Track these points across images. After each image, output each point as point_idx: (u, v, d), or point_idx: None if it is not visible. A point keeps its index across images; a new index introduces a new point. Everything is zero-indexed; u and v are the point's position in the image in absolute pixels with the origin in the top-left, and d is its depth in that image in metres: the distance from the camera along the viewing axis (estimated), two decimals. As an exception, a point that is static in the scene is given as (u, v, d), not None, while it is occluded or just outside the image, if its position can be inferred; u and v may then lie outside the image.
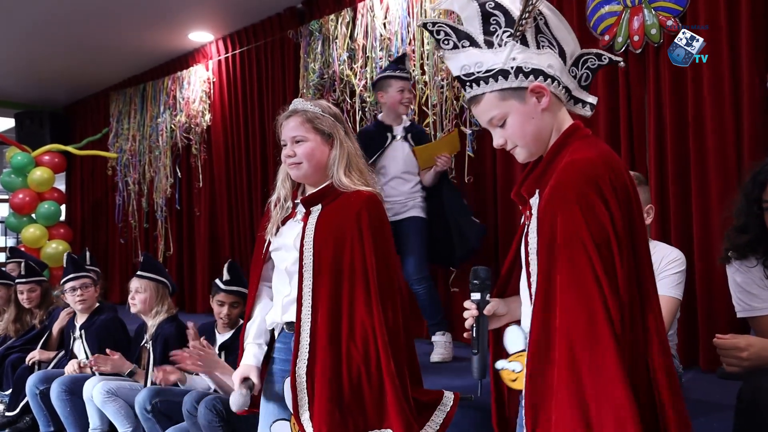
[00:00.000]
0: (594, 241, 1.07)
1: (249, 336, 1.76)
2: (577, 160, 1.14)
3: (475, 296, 1.28)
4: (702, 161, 2.62)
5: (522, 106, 1.19)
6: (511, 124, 1.21)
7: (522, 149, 1.24)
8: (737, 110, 2.54)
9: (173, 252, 5.58)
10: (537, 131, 1.21)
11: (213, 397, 2.33)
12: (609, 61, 1.26)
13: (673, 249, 2.08)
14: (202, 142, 5.28)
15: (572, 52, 1.25)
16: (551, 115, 1.22)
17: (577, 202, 1.09)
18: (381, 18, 3.77)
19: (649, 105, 2.81)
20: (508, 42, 1.19)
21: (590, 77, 1.27)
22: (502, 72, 1.18)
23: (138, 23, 4.75)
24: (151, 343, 2.87)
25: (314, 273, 1.62)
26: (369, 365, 1.56)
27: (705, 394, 2.24)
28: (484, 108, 1.22)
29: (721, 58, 2.56)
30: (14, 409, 3.38)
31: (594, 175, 1.11)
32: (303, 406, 1.58)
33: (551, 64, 1.20)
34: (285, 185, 1.77)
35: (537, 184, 1.21)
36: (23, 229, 6.00)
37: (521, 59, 1.18)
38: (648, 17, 2.73)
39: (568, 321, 1.06)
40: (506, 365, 1.21)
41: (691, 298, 2.56)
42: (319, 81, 4.12)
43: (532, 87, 1.19)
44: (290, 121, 1.71)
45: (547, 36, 1.21)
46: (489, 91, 1.20)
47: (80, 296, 3.19)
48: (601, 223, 1.08)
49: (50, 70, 5.87)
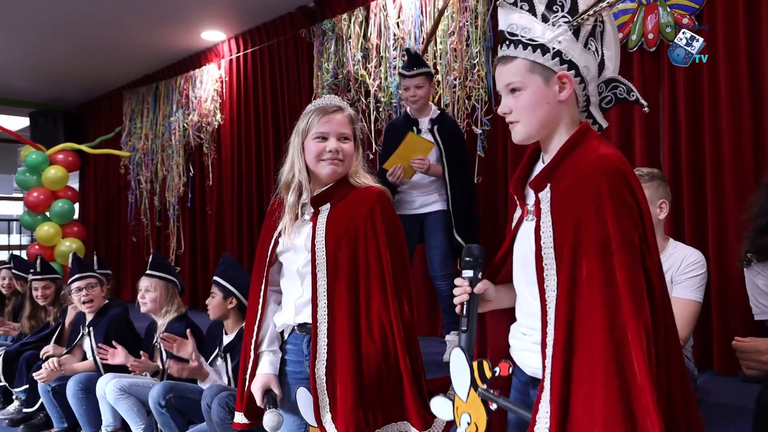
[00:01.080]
0: (629, 244, 1.08)
1: (263, 343, 1.71)
2: (606, 155, 1.14)
3: (467, 273, 1.27)
4: (717, 161, 2.59)
5: (543, 87, 1.20)
6: (525, 99, 1.21)
7: (523, 127, 1.23)
8: (755, 108, 2.50)
9: (185, 250, 5.61)
10: (545, 117, 1.21)
11: (227, 394, 2.32)
12: (635, 100, 1.26)
13: (693, 251, 2.06)
14: (213, 141, 5.30)
15: (611, 71, 1.26)
16: (565, 109, 1.21)
17: (611, 198, 1.09)
18: (394, 17, 3.76)
19: (664, 104, 2.79)
20: (562, 26, 1.20)
21: (613, 102, 1.28)
22: (543, 47, 1.19)
23: (151, 23, 4.78)
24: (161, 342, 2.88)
25: (328, 273, 1.60)
26: (387, 360, 1.55)
27: (720, 397, 2.21)
28: (509, 70, 1.22)
29: (739, 56, 2.52)
30: (33, 406, 3.41)
31: (625, 171, 1.12)
32: (324, 408, 1.55)
33: (588, 66, 1.21)
34: (308, 186, 1.68)
35: (548, 179, 1.20)
36: (37, 227, 6.06)
37: (565, 46, 1.19)
38: (663, 15, 2.70)
39: (599, 325, 1.06)
40: (462, 428, 1.20)
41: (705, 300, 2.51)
42: (333, 81, 4.12)
43: (560, 74, 1.19)
44: (338, 116, 1.65)
45: (596, 43, 1.23)
46: (522, 57, 1.20)
47: (86, 296, 3.21)
48: (635, 221, 1.10)
49: (64, 69, 5.93)
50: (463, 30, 3.44)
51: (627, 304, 1.05)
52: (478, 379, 1.16)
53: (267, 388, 1.67)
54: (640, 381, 1.02)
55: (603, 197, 1.09)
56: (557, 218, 1.15)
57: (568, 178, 1.16)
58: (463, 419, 1.19)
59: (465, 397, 1.18)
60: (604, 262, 1.08)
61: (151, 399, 2.61)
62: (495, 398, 1.14)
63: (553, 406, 1.08)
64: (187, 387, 2.64)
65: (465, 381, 1.18)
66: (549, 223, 1.16)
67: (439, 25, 3.43)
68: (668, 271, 2.03)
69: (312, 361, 1.58)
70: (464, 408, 1.19)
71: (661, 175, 2.13)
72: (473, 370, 1.17)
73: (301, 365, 1.68)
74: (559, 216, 1.15)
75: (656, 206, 2.04)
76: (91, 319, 3.24)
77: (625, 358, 1.04)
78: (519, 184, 1.31)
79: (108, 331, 3.10)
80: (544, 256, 1.16)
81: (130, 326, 3.27)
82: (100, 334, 3.12)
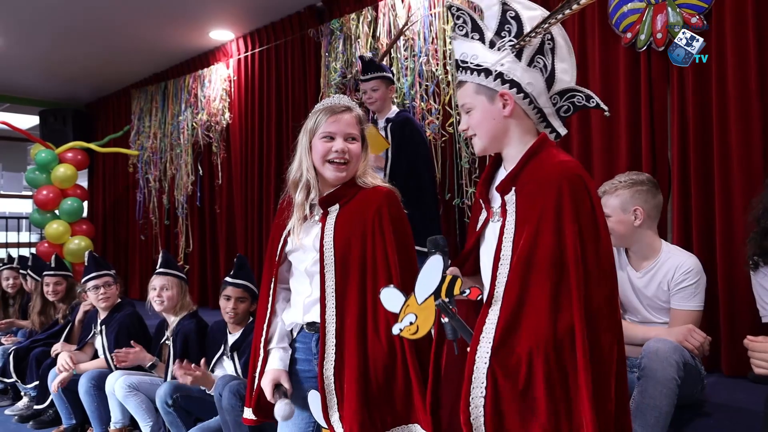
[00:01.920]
0: (588, 244, 1.22)
1: (273, 340, 1.72)
2: (566, 161, 1.29)
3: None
4: (726, 162, 2.57)
5: (489, 105, 1.36)
6: (475, 117, 1.38)
7: (478, 140, 1.40)
8: (764, 108, 2.49)
9: (194, 249, 5.64)
10: (494, 131, 1.37)
11: (239, 382, 2.34)
12: (596, 105, 1.38)
13: (687, 257, 2.04)
14: (221, 140, 5.32)
15: (567, 82, 1.37)
16: (513, 123, 1.36)
17: (571, 203, 1.23)
18: (403, 17, 3.77)
19: (672, 104, 2.77)
20: (506, 49, 1.34)
21: (571, 111, 1.40)
22: (487, 71, 1.35)
23: (160, 22, 4.80)
24: (171, 339, 2.90)
25: (336, 273, 1.61)
26: (395, 361, 1.55)
27: (728, 398, 2.21)
28: (462, 93, 1.40)
29: (748, 54, 2.51)
30: (43, 402, 3.44)
31: (584, 177, 1.27)
32: (332, 407, 1.57)
33: (532, 83, 1.34)
34: (316, 187, 1.70)
35: (513, 183, 1.34)
36: (47, 225, 6.10)
37: (507, 68, 1.34)
38: (672, 14, 2.69)
39: (545, 334, 1.18)
40: (402, 324, 1.25)
41: (713, 301, 2.52)
42: (340, 80, 4.13)
43: (501, 92, 1.34)
44: (346, 116, 1.65)
45: (546, 59, 1.35)
46: (470, 81, 1.37)
47: (103, 294, 3.24)
48: (595, 222, 1.24)
49: (74, 69, 5.97)
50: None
51: (576, 303, 1.18)
52: (444, 291, 1.23)
53: (277, 382, 1.68)
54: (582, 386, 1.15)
55: (564, 200, 1.23)
56: (521, 217, 1.28)
57: (532, 182, 1.30)
58: (407, 318, 1.24)
59: (421, 301, 1.24)
60: (557, 261, 1.21)
61: (158, 398, 2.63)
62: (451, 313, 1.22)
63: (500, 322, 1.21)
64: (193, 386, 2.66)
65: (429, 287, 1.23)
66: (513, 222, 1.30)
67: (396, 43, 3.63)
68: (663, 280, 2.02)
69: (320, 361, 1.59)
70: (414, 309, 1.24)
71: (646, 180, 2.11)
72: (443, 282, 1.23)
73: (310, 363, 1.69)
74: (522, 215, 1.28)
75: (630, 213, 2.05)
76: (104, 318, 3.27)
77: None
78: (484, 189, 1.45)
79: (120, 330, 3.14)
80: (503, 249, 1.29)
81: (141, 325, 3.30)
82: (112, 333, 3.15)
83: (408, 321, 1.24)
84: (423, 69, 3.65)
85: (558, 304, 1.19)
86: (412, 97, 3.70)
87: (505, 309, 1.22)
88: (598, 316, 1.19)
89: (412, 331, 1.24)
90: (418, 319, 1.23)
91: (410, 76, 3.72)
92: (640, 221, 2.04)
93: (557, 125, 1.39)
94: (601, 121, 2.96)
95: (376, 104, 3.20)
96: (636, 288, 2.08)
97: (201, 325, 2.96)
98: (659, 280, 2.03)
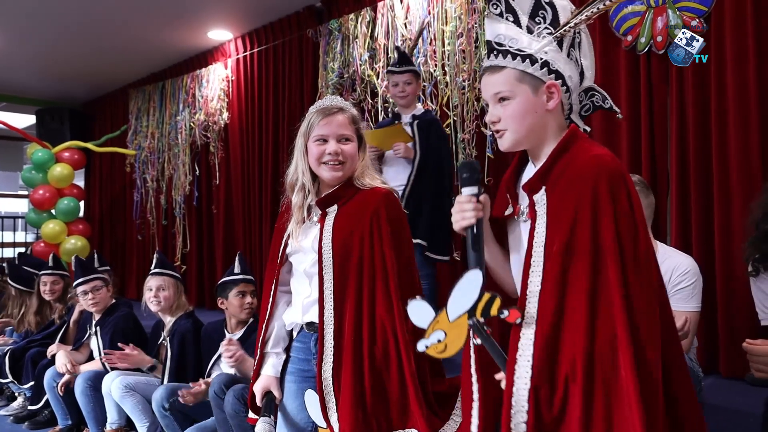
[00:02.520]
0: (627, 246, 1.10)
1: (268, 344, 1.75)
2: (602, 155, 1.17)
3: (471, 189, 1.25)
4: (724, 164, 2.58)
5: (532, 97, 1.22)
6: (514, 108, 1.23)
7: (511, 135, 1.25)
8: (763, 112, 2.49)
9: (191, 249, 5.62)
10: (533, 126, 1.23)
11: (243, 386, 2.33)
12: (609, 108, 1.30)
13: (684, 258, 2.04)
14: (219, 140, 5.31)
15: (589, 79, 1.29)
16: (552, 118, 1.25)
17: (610, 202, 1.12)
18: (402, 18, 3.77)
19: (672, 107, 2.78)
20: (546, 37, 1.23)
21: (591, 110, 1.31)
22: (531, 57, 1.22)
23: (158, 22, 4.79)
24: (168, 340, 2.89)
25: (335, 274, 1.61)
26: (390, 365, 1.54)
27: (726, 400, 2.21)
28: (498, 80, 1.24)
29: (747, 58, 2.51)
30: (38, 403, 3.42)
31: (620, 170, 1.16)
32: (331, 408, 1.57)
33: (572, 76, 1.25)
34: (313, 188, 1.70)
35: (542, 181, 1.22)
36: (43, 224, 6.08)
37: (552, 56, 1.23)
38: (672, 18, 2.70)
39: (584, 350, 1.08)
40: (429, 341, 1.14)
41: (711, 303, 2.53)
42: (338, 80, 4.12)
43: (549, 83, 1.22)
44: (338, 117, 1.64)
45: (576, 53, 1.27)
46: (512, 67, 1.23)
47: (92, 299, 3.22)
48: (634, 222, 1.12)
49: (72, 68, 5.95)
50: (472, 32, 3.44)
51: (618, 311, 1.07)
52: (480, 310, 1.11)
53: (267, 390, 1.71)
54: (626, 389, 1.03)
55: (601, 199, 1.12)
56: (552, 219, 1.17)
57: (564, 179, 1.18)
58: (436, 335, 1.13)
59: (453, 318, 1.12)
60: (593, 268, 1.10)
61: (155, 402, 2.62)
62: (485, 335, 1.12)
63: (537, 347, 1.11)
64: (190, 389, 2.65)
65: (464, 305, 1.12)
66: (544, 225, 1.18)
67: (420, 35, 3.60)
68: None
69: (319, 362, 1.59)
70: (444, 326, 1.13)
71: (638, 181, 2.10)
72: (481, 299, 1.11)
73: (309, 363, 1.70)
74: (554, 217, 1.17)
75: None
76: (99, 319, 3.26)
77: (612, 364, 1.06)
78: (511, 186, 1.33)
79: (115, 331, 3.12)
80: (534, 255, 1.18)
81: (137, 325, 3.28)
82: (107, 334, 3.14)
83: (436, 338, 1.13)
84: (421, 70, 3.65)
85: (595, 314, 1.08)
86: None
87: (542, 325, 1.11)
88: (641, 324, 1.08)
89: (440, 349, 1.13)
90: (447, 337, 1.12)
91: (409, 76, 3.71)
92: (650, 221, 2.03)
93: (580, 124, 1.30)
94: (601, 122, 2.97)
95: (407, 98, 3.08)
96: None
97: (197, 325, 2.95)
98: None
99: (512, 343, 1.13)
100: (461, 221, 1.23)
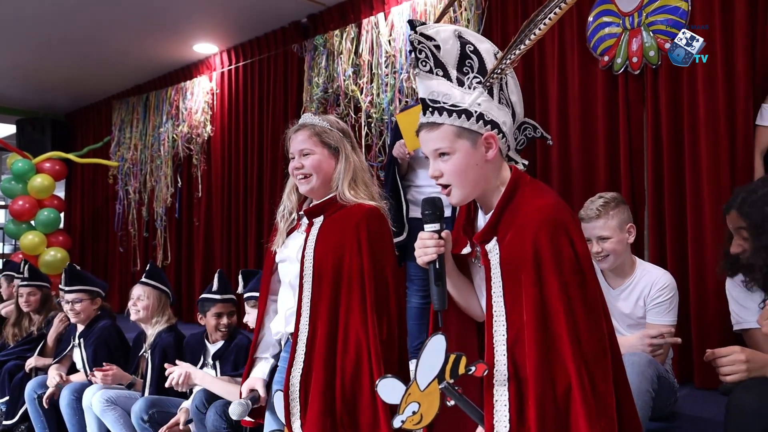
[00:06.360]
0: (573, 294, 1.17)
1: (258, 350, 1.85)
2: (542, 207, 1.21)
3: (433, 226, 1.28)
4: (696, 180, 2.67)
5: (471, 150, 1.24)
6: (455, 164, 1.25)
7: (457, 191, 1.27)
8: (731, 129, 2.59)
9: (171, 261, 5.59)
10: (476, 179, 1.26)
11: (224, 402, 2.34)
12: (541, 136, 1.35)
13: (662, 273, 2.09)
14: (202, 153, 5.32)
15: (520, 117, 1.32)
16: (493, 167, 1.27)
17: (553, 248, 1.17)
18: (386, 35, 3.83)
19: (647, 126, 2.86)
20: (477, 87, 1.25)
21: (525, 143, 1.35)
22: (466, 112, 1.23)
23: (144, 34, 4.80)
24: (149, 353, 2.88)
25: (313, 284, 1.65)
26: (362, 376, 1.57)
27: (700, 410, 2.26)
28: (437, 137, 1.25)
29: (717, 82, 2.61)
30: (13, 417, 3.37)
31: (562, 219, 1.20)
32: (295, 414, 1.62)
33: (505, 121, 1.27)
34: (291, 198, 1.82)
35: (492, 232, 1.26)
36: (22, 236, 6.00)
37: (485, 107, 1.24)
38: (646, 39, 2.79)
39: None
40: (404, 416, 1.15)
41: (685, 314, 2.59)
42: (322, 95, 4.17)
43: (486, 135, 1.24)
44: (299, 134, 1.76)
45: (505, 95, 1.28)
46: (449, 124, 1.24)
47: (72, 309, 3.19)
48: (580, 268, 1.18)
49: (54, 78, 5.91)
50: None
51: (570, 362, 1.14)
52: (449, 372, 1.13)
53: (252, 387, 1.82)
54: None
55: (543, 253, 1.17)
56: (506, 270, 1.22)
57: (512, 230, 1.22)
58: (410, 407, 1.13)
59: (424, 387, 1.13)
60: (543, 325, 1.16)
61: (134, 414, 2.61)
62: (458, 395, 1.14)
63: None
64: (170, 401, 2.66)
65: (433, 370, 1.13)
66: (499, 276, 1.23)
67: (450, 7, 3.39)
68: (639, 297, 2.07)
69: (288, 368, 1.64)
70: (417, 397, 1.13)
71: (623, 198, 2.17)
72: (447, 362, 1.13)
73: None
74: (507, 268, 1.22)
75: (625, 231, 2.07)
76: (82, 330, 3.23)
77: None
78: (467, 227, 1.36)
79: (98, 343, 3.10)
80: (494, 305, 1.23)
81: (120, 337, 3.26)
82: (90, 346, 3.12)
83: (411, 410, 1.13)
84: (404, 85, 3.71)
85: (551, 368, 1.14)
86: (391, 112, 3.75)
87: (513, 389, 1.17)
88: (594, 365, 1.14)
89: (416, 420, 1.13)
90: (421, 407, 1.13)
91: (390, 92, 3.77)
92: (632, 237, 2.09)
93: (518, 158, 1.33)
94: (580, 140, 3.04)
95: None
96: (613, 306, 2.11)
97: (179, 338, 2.95)
98: (636, 297, 2.08)
99: (486, 403, 1.18)
100: (423, 257, 1.26)
